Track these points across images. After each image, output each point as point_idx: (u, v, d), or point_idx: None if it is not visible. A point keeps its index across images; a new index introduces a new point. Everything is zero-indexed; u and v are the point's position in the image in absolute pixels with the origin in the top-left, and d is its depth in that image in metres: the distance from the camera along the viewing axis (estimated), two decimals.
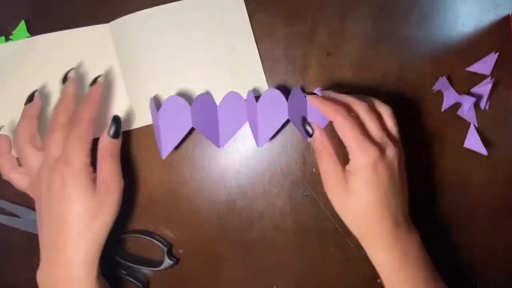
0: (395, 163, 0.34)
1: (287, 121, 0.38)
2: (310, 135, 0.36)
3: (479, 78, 0.43)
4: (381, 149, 0.33)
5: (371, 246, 0.35)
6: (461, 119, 0.43)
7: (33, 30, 0.42)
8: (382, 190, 0.33)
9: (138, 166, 0.42)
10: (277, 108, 0.38)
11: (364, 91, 0.43)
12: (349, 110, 0.35)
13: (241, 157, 0.43)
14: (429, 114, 0.43)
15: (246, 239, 0.43)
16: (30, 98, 0.37)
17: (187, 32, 0.41)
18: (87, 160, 0.34)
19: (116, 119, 0.36)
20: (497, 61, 0.43)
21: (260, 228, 0.43)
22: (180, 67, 0.41)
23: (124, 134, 0.43)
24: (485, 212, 0.43)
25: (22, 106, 0.38)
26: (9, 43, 0.41)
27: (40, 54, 0.41)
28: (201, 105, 0.38)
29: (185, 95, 0.41)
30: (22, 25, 0.41)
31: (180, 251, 0.43)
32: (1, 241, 0.43)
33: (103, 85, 0.38)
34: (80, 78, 0.40)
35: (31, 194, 0.37)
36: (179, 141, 0.38)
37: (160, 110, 0.36)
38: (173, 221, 0.43)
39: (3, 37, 0.41)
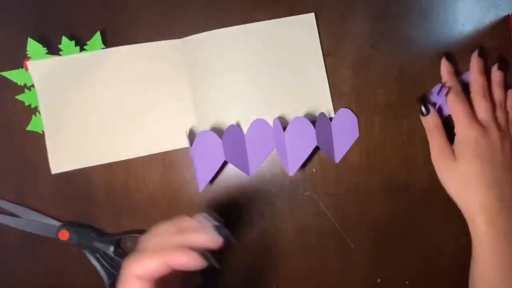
0: (498, 143, 0.37)
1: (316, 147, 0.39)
2: (424, 115, 0.41)
3: None
4: (484, 128, 0.38)
5: (472, 215, 0.37)
6: None
7: (107, 42, 0.42)
8: (486, 161, 0.37)
9: (139, 166, 0.42)
10: (305, 135, 0.38)
11: (364, 91, 0.43)
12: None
13: None
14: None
15: (246, 239, 0.43)
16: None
17: (257, 54, 0.42)
18: None
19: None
20: (497, 61, 0.43)
21: (260, 228, 0.43)
22: (248, 87, 0.42)
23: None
24: None
25: (92, 115, 0.40)
26: (83, 53, 0.42)
27: (112, 66, 0.42)
28: (231, 136, 0.39)
29: (250, 116, 0.41)
30: (97, 36, 0.41)
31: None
32: (1, 241, 0.43)
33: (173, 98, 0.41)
34: (149, 90, 0.42)
35: None
36: (213, 174, 0.39)
37: (193, 146, 0.38)
38: None
39: (78, 47, 0.41)
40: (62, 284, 0.43)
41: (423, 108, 0.40)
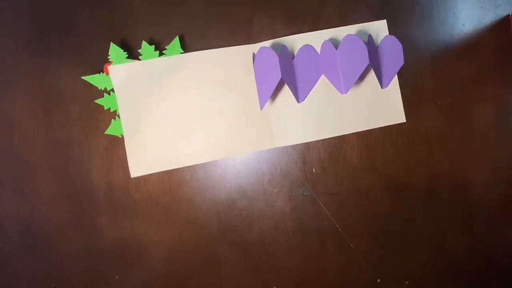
0: None
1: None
2: None
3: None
4: None
5: None
6: (461, 119, 0.43)
7: (185, 47, 0.43)
8: None
9: None
10: (356, 53, 0.38)
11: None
12: None
13: (241, 157, 0.43)
14: (429, 113, 0.43)
15: (246, 239, 0.43)
16: None
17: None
18: None
19: None
20: (497, 62, 0.43)
21: (260, 228, 0.43)
22: (320, 93, 0.42)
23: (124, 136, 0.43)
24: (485, 212, 0.43)
25: (170, 119, 0.41)
26: (162, 57, 0.42)
27: (191, 70, 0.42)
28: (284, 58, 0.39)
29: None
30: (176, 40, 0.42)
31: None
32: (2, 241, 0.43)
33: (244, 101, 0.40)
34: (225, 95, 0.42)
35: None
36: (271, 93, 0.39)
37: (255, 63, 0.38)
38: (173, 221, 0.43)
39: (157, 52, 0.41)
40: (62, 283, 0.43)
41: None
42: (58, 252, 0.43)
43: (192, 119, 0.42)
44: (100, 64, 0.42)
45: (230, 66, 0.42)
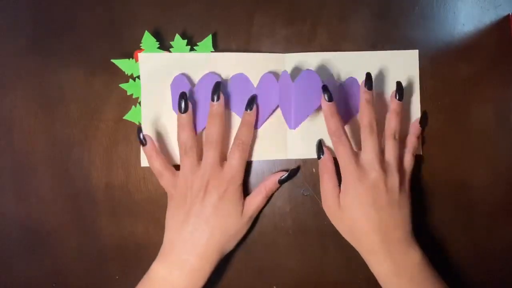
0: (380, 183, 0.36)
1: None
2: (319, 157, 0.40)
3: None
4: (364, 170, 0.37)
5: (365, 257, 0.38)
6: (461, 119, 0.43)
7: (216, 46, 0.43)
8: (367, 208, 0.36)
9: (138, 166, 0.43)
10: (313, 89, 0.38)
11: None
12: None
13: None
14: (429, 113, 0.43)
15: (245, 239, 0.43)
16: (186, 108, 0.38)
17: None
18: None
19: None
20: (497, 62, 0.43)
21: (260, 228, 0.43)
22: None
23: (126, 136, 0.43)
24: (485, 212, 0.43)
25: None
26: (192, 53, 0.42)
27: (218, 70, 0.42)
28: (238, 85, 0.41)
29: None
30: (208, 38, 0.42)
31: None
32: (1, 241, 0.43)
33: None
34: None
35: (170, 192, 0.39)
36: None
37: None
38: None
39: (188, 47, 0.42)
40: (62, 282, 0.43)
41: (320, 152, 0.40)
42: (58, 252, 0.43)
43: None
44: (100, 64, 0.42)
45: (260, 72, 0.42)
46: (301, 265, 0.43)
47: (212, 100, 0.38)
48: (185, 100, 0.38)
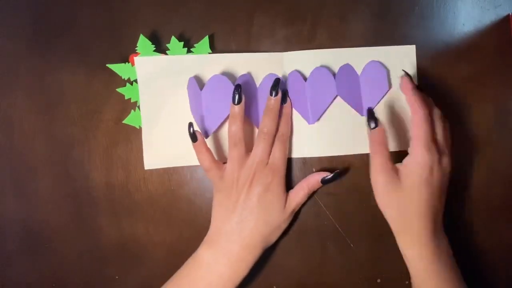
0: (447, 171, 0.37)
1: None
2: (372, 128, 0.38)
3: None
4: (439, 154, 0.36)
5: (409, 241, 0.37)
6: (461, 119, 0.43)
7: (216, 47, 0.43)
8: (432, 190, 0.36)
9: (138, 166, 0.43)
10: (326, 85, 0.40)
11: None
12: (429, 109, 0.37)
13: None
14: None
15: None
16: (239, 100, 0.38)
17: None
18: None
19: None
20: (497, 62, 0.43)
21: None
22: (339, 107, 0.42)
23: (126, 136, 0.43)
24: (484, 212, 0.43)
25: (187, 114, 0.41)
26: (189, 55, 0.42)
27: (216, 71, 0.42)
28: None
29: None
30: (205, 40, 0.42)
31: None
32: (1, 241, 0.43)
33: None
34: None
35: (217, 184, 0.39)
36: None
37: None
38: (173, 221, 0.43)
39: (185, 49, 0.41)
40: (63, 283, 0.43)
41: (372, 122, 0.38)
42: (58, 252, 0.43)
43: None
44: (100, 64, 0.42)
45: (258, 72, 0.42)
46: (301, 265, 0.43)
47: (271, 94, 0.39)
48: (238, 92, 0.38)
